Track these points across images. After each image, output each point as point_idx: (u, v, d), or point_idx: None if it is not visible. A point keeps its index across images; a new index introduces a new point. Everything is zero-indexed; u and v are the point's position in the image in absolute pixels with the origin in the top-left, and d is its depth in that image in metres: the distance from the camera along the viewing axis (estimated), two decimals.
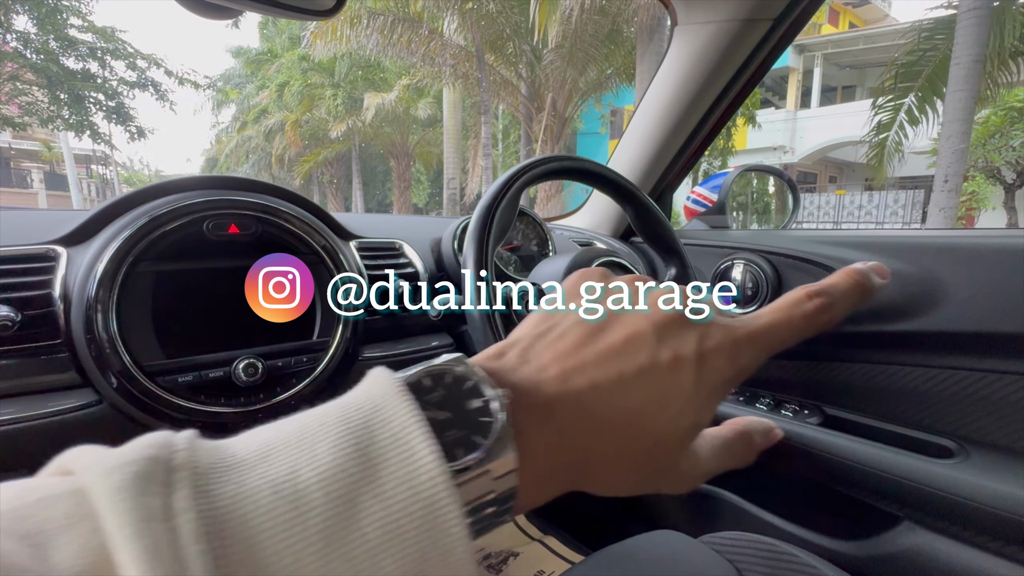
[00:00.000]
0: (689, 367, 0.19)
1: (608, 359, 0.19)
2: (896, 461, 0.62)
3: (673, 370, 0.19)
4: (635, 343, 0.19)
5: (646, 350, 0.19)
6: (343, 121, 12.14)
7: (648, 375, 0.19)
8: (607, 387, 0.18)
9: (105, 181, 18.27)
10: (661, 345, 0.19)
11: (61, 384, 0.50)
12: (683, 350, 0.19)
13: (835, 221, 11.16)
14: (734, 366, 0.20)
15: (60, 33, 8.22)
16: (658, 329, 0.20)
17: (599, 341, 0.19)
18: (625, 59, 8.13)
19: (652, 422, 0.18)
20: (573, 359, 0.19)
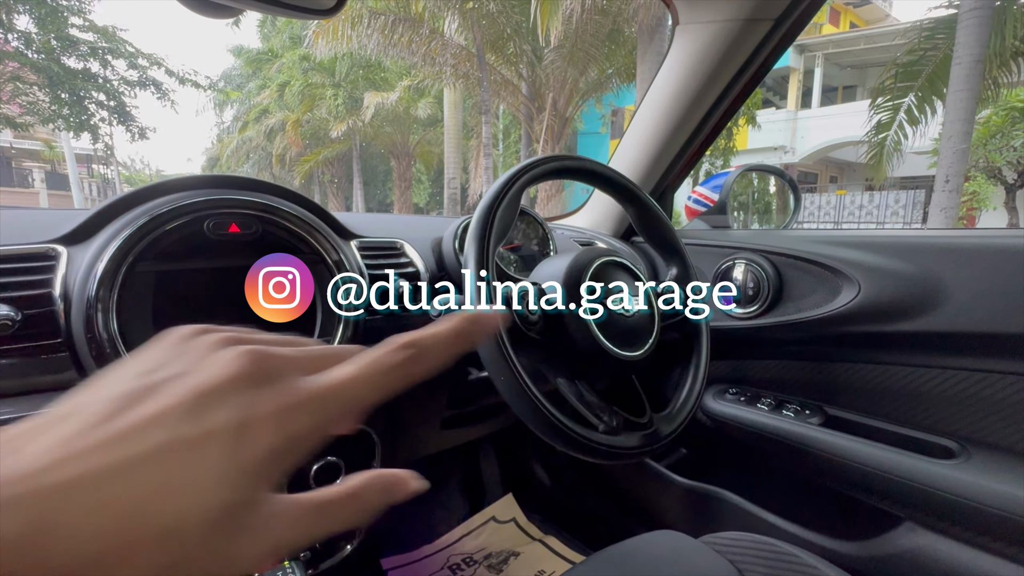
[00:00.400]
0: (220, 442, 0.17)
1: (118, 442, 0.16)
2: (897, 461, 0.62)
3: (197, 447, 0.17)
4: (159, 421, 0.17)
5: (168, 427, 0.17)
6: (344, 121, 12.14)
7: (162, 457, 0.16)
8: (103, 477, 0.15)
9: (106, 180, 18.28)
10: (192, 419, 0.17)
11: (61, 383, 0.50)
12: (216, 423, 0.17)
13: (836, 221, 11.15)
14: (283, 434, 0.18)
15: (61, 32, 8.22)
16: (196, 399, 0.17)
17: (118, 421, 0.17)
18: (626, 59, 8.12)
19: (159, 511, 0.16)
20: (69, 447, 0.16)
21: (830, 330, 0.74)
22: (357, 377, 0.20)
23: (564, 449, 0.50)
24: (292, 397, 0.19)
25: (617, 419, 0.53)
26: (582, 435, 0.49)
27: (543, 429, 0.49)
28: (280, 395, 0.18)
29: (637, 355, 0.55)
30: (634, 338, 0.56)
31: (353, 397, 0.19)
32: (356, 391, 0.19)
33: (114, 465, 0.16)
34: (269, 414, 0.18)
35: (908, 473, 0.61)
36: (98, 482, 0.15)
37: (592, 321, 0.53)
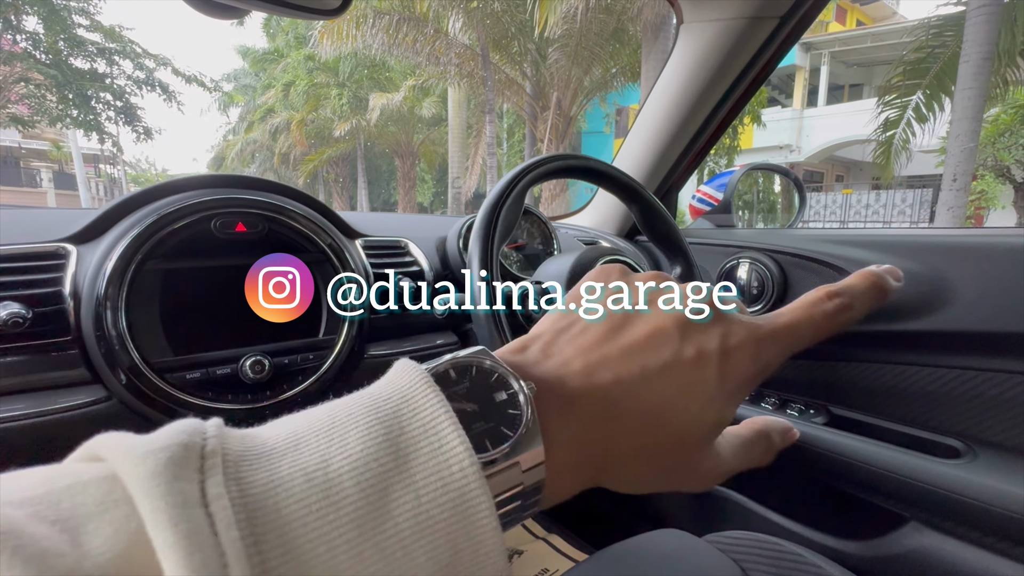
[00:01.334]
0: (712, 363, 0.19)
1: (631, 354, 0.19)
2: (903, 461, 0.62)
3: (696, 366, 0.19)
4: (658, 339, 0.19)
5: (670, 345, 0.19)
6: (348, 120, 12.17)
7: (671, 370, 0.19)
8: (630, 382, 0.18)
9: (113, 180, 18.41)
10: (685, 341, 0.19)
11: (71, 380, 0.50)
12: (707, 346, 0.19)
13: (842, 220, 11.09)
14: (757, 363, 0.20)
15: (68, 33, 8.29)
16: (681, 325, 0.20)
17: (622, 336, 0.19)
18: (630, 57, 8.10)
19: (674, 418, 0.18)
20: (596, 353, 0.19)
21: None
22: (803, 320, 0.21)
23: None
24: (759, 331, 0.21)
25: None
26: None
27: None
28: (749, 329, 0.21)
29: None
30: None
31: (801, 336, 0.21)
32: (803, 331, 0.21)
33: (639, 372, 0.18)
34: (744, 343, 0.20)
35: (913, 473, 0.60)
36: (632, 384, 0.18)
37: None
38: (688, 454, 0.19)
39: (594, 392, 0.18)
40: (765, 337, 0.21)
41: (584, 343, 0.19)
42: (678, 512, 0.97)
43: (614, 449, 0.18)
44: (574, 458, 0.18)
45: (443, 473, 0.14)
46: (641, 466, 0.19)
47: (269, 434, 0.15)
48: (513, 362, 0.19)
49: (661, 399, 0.18)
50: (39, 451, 0.50)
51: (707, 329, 0.20)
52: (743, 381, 0.20)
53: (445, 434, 0.15)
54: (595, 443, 0.18)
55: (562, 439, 0.17)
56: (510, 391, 0.17)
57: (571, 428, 0.18)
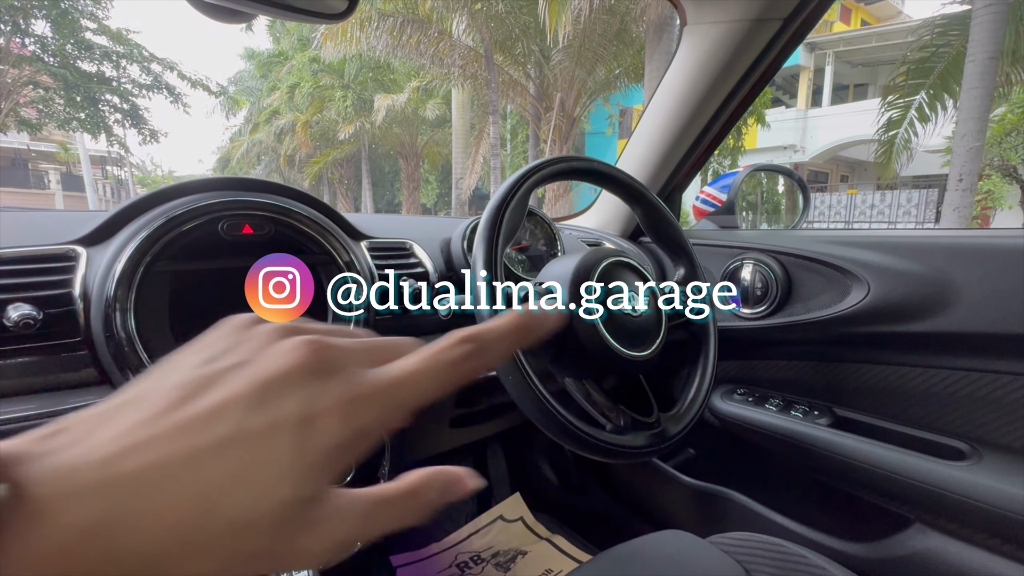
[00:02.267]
0: (285, 434, 0.17)
1: (185, 431, 0.16)
2: (907, 463, 0.62)
3: (263, 439, 0.16)
4: (225, 410, 0.17)
5: (234, 418, 0.16)
6: (352, 122, 12.22)
7: (228, 448, 0.16)
8: (172, 465, 0.15)
9: (120, 182, 18.54)
10: (257, 410, 0.17)
11: (80, 381, 0.51)
12: (282, 414, 0.17)
13: (847, 221, 11.03)
14: (346, 428, 0.17)
15: (76, 37, 8.37)
16: (261, 391, 0.17)
17: (184, 410, 0.17)
18: (634, 58, 8.09)
19: (227, 503, 0.16)
20: (141, 433, 0.16)
21: (839, 330, 0.73)
22: (420, 371, 0.19)
23: (571, 448, 0.50)
24: (357, 389, 0.18)
25: (624, 419, 0.53)
26: (589, 434, 0.50)
27: (551, 428, 0.50)
28: (344, 387, 0.18)
29: (644, 355, 0.56)
30: (641, 338, 0.57)
31: (416, 391, 0.19)
32: (419, 385, 0.19)
33: (184, 454, 0.16)
34: (334, 406, 0.18)
35: (918, 474, 0.60)
36: (170, 471, 0.15)
37: (598, 321, 0.53)
38: (259, 541, 0.16)
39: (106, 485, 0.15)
40: (362, 397, 0.18)
41: (135, 419, 0.16)
42: (682, 513, 0.97)
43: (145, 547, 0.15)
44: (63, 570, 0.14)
45: None
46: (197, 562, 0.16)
47: None
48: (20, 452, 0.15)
49: (208, 482, 0.16)
50: None
51: (291, 393, 0.17)
52: (329, 450, 0.17)
53: None
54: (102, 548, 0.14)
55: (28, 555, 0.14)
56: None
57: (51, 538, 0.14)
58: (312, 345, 0.19)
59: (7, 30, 7.78)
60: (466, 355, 0.20)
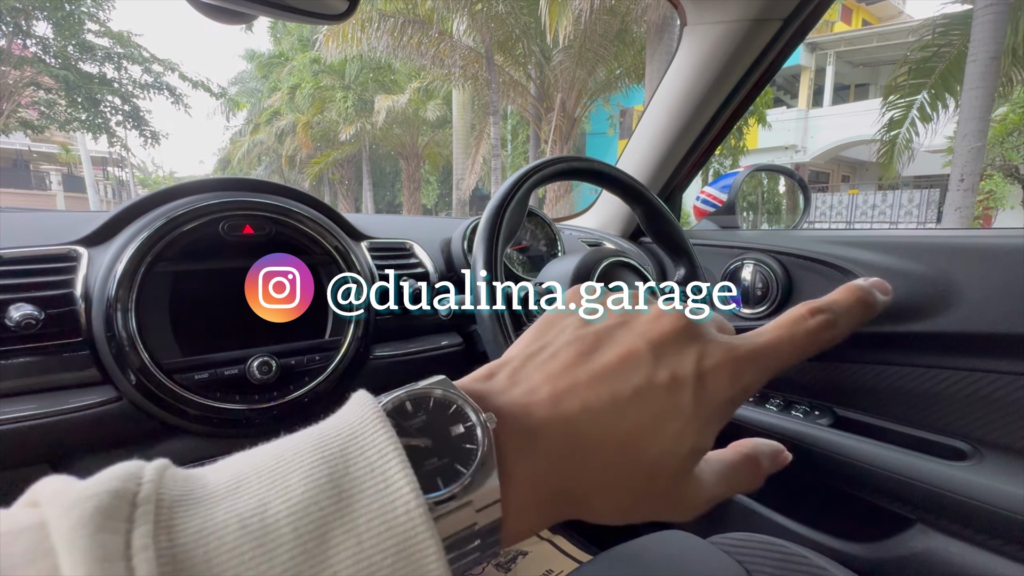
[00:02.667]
0: (688, 387, 0.18)
1: (601, 380, 0.18)
2: (908, 463, 0.62)
3: (671, 391, 0.18)
4: (630, 363, 0.18)
5: (642, 370, 0.18)
6: (353, 123, 12.23)
7: (644, 397, 0.18)
8: (600, 410, 0.17)
9: (121, 183, 18.58)
10: (658, 364, 0.18)
11: (81, 381, 0.51)
12: (681, 370, 0.18)
13: (848, 221, 11.02)
14: (735, 386, 0.19)
15: (78, 38, 8.39)
16: (654, 348, 0.19)
17: (592, 361, 0.19)
18: (634, 59, 8.09)
19: (648, 446, 0.17)
20: (565, 379, 0.18)
21: None
22: (785, 338, 0.20)
23: None
24: (737, 352, 0.19)
25: None
26: None
27: None
28: (727, 349, 0.19)
29: None
30: None
31: (781, 357, 0.20)
32: (785, 351, 0.20)
33: (608, 399, 0.17)
34: (722, 364, 0.19)
35: (919, 475, 0.60)
36: (601, 413, 0.17)
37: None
38: (664, 484, 0.18)
39: (559, 422, 0.17)
40: (744, 358, 0.19)
41: (553, 369, 0.18)
42: None
43: (584, 482, 0.17)
44: (537, 494, 0.17)
45: (387, 516, 0.14)
46: (615, 498, 0.18)
47: (213, 476, 0.15)
48: (476, 391, 0.18)
49: (632, 427, 0.17)
50: (50, 451, 0.51)
51: (682, 351, 0.19)
52: (721, 405, 0.19)
53: (392, 473, 0.14)
54: (562, 477, 0.17)
55: (522, 474, 0.17)
56: (468, 424, 0.16)
57: (534, 461, 0.17)
58: (679, 315, 0.20)
59: (9, 31, 7.79)
60: (822, 325, 0.20)
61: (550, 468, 0.17)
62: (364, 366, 0.66)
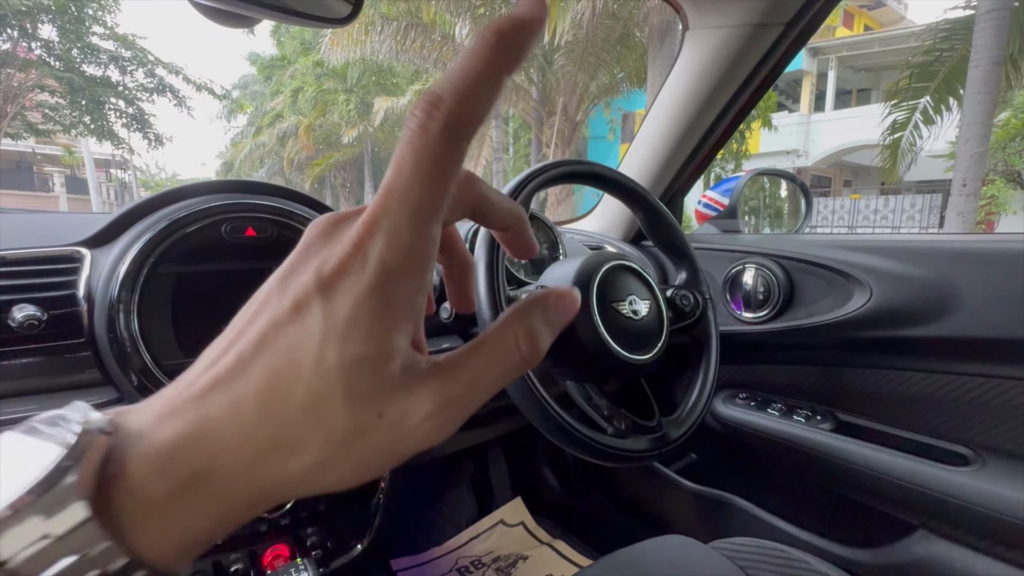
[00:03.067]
0: (312, 304, 0.16)
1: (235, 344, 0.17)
2: (911, 468, 0.61)
3: (295, 318, 0.16)
4: (261, 308, 0.17)
5: (268, 311, 0.16)
6: (355, 126, 12.28)
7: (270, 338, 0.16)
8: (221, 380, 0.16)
9: (124, 185, 18.65)
10: (281, 296, 0.16)
11: (83, 382, 0.51)
12: (300, 290, 0.16)
13: (850, 226, 11.01)
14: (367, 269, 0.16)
15: (83, 41, 8.44)
16: (280, 279, 0.17)
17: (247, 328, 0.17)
18: (636, 63, 8.11)
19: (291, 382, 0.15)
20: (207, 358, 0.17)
21: (842, 335, 0.73)
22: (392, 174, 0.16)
23: (573, 451, 0.50)
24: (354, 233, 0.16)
25: (626, 422, 0.53)
26: (591, 438, 0.50)
27: (552, 431, 0.49)
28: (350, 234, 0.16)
29: (646, 359, 0.56)
30: (643, 342, 0.56)
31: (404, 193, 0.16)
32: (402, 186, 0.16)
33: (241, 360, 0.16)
34: (342, 258, 0.16)
35: (922, 480, 0.60)
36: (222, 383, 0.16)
37: (601, 324, 0.53)
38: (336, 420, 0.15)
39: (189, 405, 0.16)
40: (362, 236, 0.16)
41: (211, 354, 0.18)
42: (684, 518, 0.97)
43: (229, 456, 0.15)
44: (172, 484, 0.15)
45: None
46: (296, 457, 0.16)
47: None
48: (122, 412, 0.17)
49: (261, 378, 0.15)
50: None
51: (305, 266, 0.17)
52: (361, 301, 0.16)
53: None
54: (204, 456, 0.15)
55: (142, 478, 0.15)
56: None
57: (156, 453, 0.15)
58: (315, 222, 0.18)
59: (14, 35, 7.84)
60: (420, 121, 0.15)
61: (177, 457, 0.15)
62: None
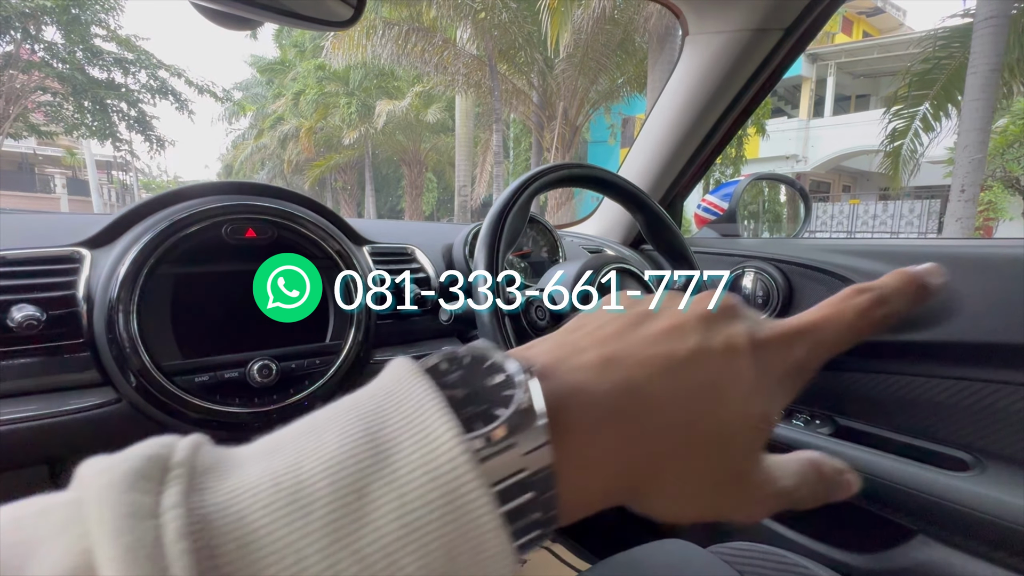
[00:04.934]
0: (744, 353, 0.17)
1: (655, 343, 0.17)
2: (910, 473, 0.61)
3: (727, 356, 0.17)
4: (682, 329, 0.18)
5: (695, 335, 0.17)
6: (356, 128, 12.31)
7: (701, 359, 0.17)
8: (656, 369, 0.16)
9: (125, 187, 18.68)
10: (710, 332, 0.18)
11: (82, 383, 0.51)
12: (734, 337, 0.18)
13: (848, 231, 11.03)
14: (788, 359, 0.18)
15: (86, 43, 8.47)
16: (702, 320, 0.18)
17: (641, 329, 0.18)
18: (636, 68, 8.15)
19: (713, 409, 0.16)
20: (614, 344, 0.17)
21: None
22: (833, 316, 0.19)
23: None
24: (785, 327, 0.19)
25: None
26: None
27: None
28: (774, 324, 0.19)
29: None
30: None
31: (835, 333, 0.19)
32: (838, 327, 0.19)
33: (664, 359, 0.17)
34: (774, 336, 0.18)
35: (921, 485, 0.60)
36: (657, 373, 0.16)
37: None
38: (734, 461, 0.17)
39: (611, 382, 0.16)
40: (792, 332, 0.19)
41: (601, 335, 0.18)
42: None
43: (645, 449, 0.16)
44: (592, 456, 0.15)
45: (430, 465, 0.13)
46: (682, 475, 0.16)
47: (247, 448, 0.14)
48: (516, 352, 0.17)
49: (693, 387, 0.16)
50: (49, 452, 0.51)
51: (730, 323, 0.18)
52: (780, 376, 0.18)
53: (430, 421, 0.13)
54: (620, 440, 0.16)
55: (573, 429, 0.15)
56: (505, 373, 0.16)
57: (583, 421, 0.15)
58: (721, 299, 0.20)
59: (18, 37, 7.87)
60: (872, 302, 0.19)
61: (605, 430, 0.15)
62: (364, 370, 0.66)
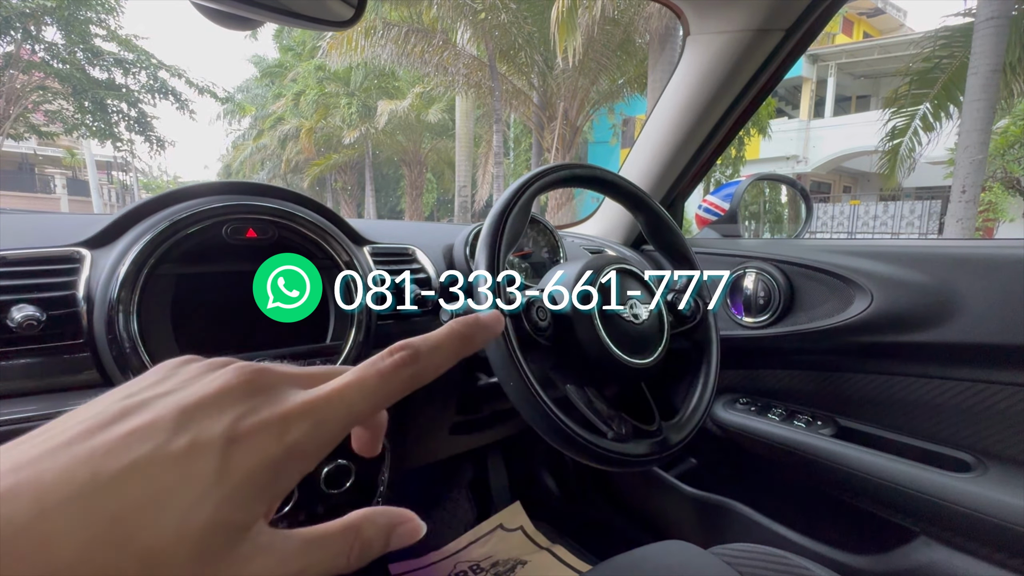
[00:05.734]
0: (210, 454, 0.16)
1: (95, 458, 0.15)
2: (912, 474, 0.61)
3: (184, 459, 0.15)
4: (144, 433, 0.16)
5: (153, 440, 0.15)
6: (356, 128, 12.32)
7: (144, 470, 0.15)
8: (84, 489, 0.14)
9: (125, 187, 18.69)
10: (179, 432, 0.16)
11: (82, 383, 0.51)
12: (205, 434, 0.16)
13: (849, 231, 11.03)
14: (279, 444, 0.17)
15: (86, 43, 8.47)
16: (182, 413, 0.16)
17: (99, 436, 0.15)
18: (637, 68, 8.15)
19: (141, 528, 0.14)
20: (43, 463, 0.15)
21: (842, 340, 0.73)
22: (351, 384, 0.18)
23: (572, 455, 0.50)
24: (286, 406, 0.17)
25: (626, 426, 0.53)
26: (591, 442, 0.49)
27: (552, 435, 0.49)
28: (274, 405, 0.17)
29: (646, 362, 0.55)
30: (643, 345, 0.56)
31: (349, 405, 0.18)
32: (352, 398, 0.18)
33: (96, 477, 0.15)
34: (263, 423, 0.17)
35: (923, 486, 0.60)
36: (80, 494, 0.14)
37: (601, 328, 0.53)
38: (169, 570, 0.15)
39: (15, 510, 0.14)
40: (293, 412, 0.17)
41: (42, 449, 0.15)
42: (683, 523, 0.96)
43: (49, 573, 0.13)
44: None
45: None
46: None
47: None
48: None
49: (121, 507, 0.14)
50: None
51: (219, 413, 0.17)
52: (259, 469, 0.16)
53: None
54: None
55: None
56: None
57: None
58: (242, 369, 0.18)
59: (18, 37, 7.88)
60: (397, 364, 0.19)
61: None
62: None
